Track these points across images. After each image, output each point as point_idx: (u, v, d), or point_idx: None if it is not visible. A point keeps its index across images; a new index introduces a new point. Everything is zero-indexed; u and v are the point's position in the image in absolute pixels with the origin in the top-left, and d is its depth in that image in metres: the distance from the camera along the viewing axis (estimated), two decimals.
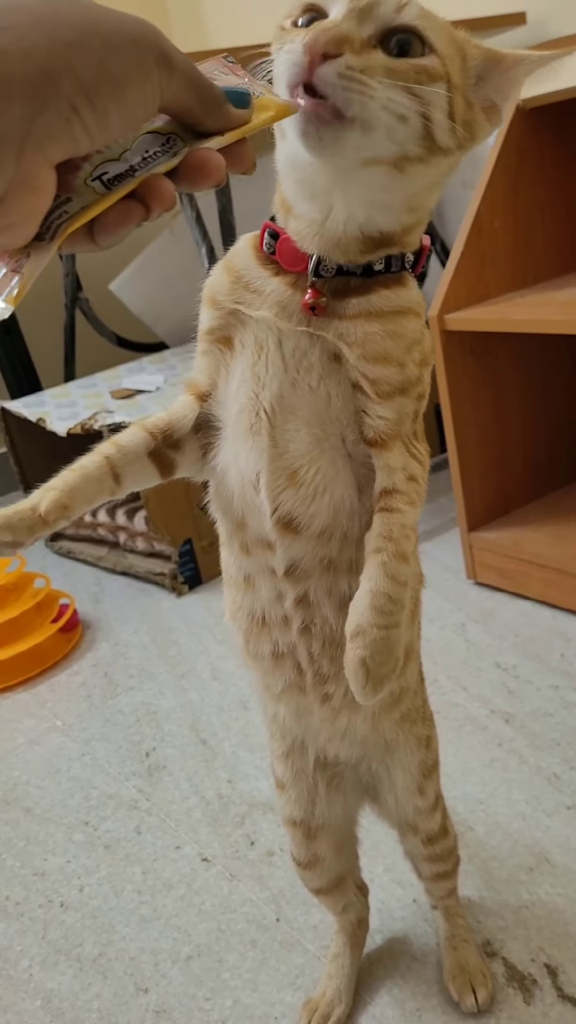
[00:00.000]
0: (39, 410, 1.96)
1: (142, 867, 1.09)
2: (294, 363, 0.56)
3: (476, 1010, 0.82)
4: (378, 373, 0.54)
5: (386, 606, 0.54)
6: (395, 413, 0.55)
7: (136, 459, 0.61)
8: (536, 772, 1.10)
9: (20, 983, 0.96)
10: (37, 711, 1.48)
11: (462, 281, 1.45)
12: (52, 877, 1.10)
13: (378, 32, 0.48)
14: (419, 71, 0.48)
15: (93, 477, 0.59)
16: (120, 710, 1.43)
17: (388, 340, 0.54)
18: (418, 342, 0.56)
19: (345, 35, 0.46)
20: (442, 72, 0.49)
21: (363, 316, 0.54)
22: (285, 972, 0.91)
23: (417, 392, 0.57)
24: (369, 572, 0.55)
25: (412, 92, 0.48)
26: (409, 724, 0.73)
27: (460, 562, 1.62)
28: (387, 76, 0.47)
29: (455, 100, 0.50)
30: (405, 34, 0.48)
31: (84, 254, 2.33)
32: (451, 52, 0.50)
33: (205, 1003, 0.89)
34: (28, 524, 0.56)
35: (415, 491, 0.57)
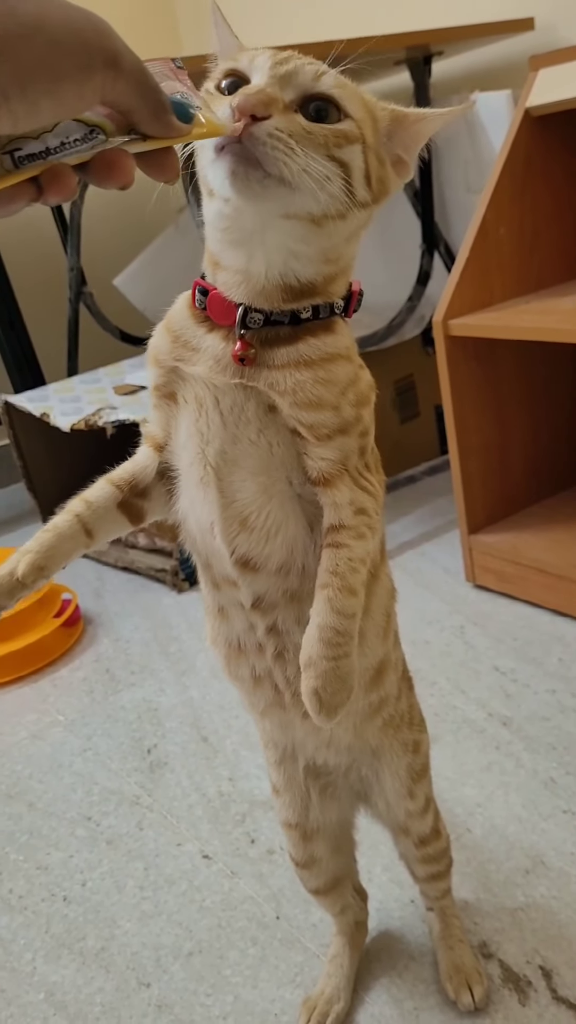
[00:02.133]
0: (43, 405, 1.97)
1: (144, 863, 1.10)
2: (232, 419, 0.58)
3: (472, 1008, 0.84)
4: (313, 419, 0.56)
5: (333, 639, 0.57)
6: (337, 452, 0.57)
7: (105, 512, 0.63)
8: (533, 776, 1.12)
9: (23, 976, 0.98)
10: (39, 706, 1.49)
11: (467, 287, 1.47)
12: (55, 871, 1.12)
13: (298, 98, 0.51)
14: (338, 135, 0.51)
15: (66, 535, 0.61)
16: (122, 706, 1.45)
17: (319, 387, 0.56)
18: (352, 383, 0.58)
19: (273, 97, 0.49)
20: (357, 135, 0.52)
21: (292, 365, 0.56)
22: (285, 970, 0.92)
23: (358, 431, 0.59)
24: (317, 607, 0.57)
25: (332, 156, 0.51)
26: (393, 730, 0.75)
27: (459, 564, 1.64)
28: (308, 139, 0.50)
29: (370, 159, 0.54)
30: (322, 101, 0.51)
31: (88, 248, 2.34)
32: (364, 115, 0.54)
33: (206, 999, 0.91)
34: (8, 589, 0.59)
35: (365, 524, 0.59)
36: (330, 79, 0.52)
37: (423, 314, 2.12)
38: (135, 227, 2.57)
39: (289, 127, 0.49)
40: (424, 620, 1.53)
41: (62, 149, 0.41)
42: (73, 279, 2.33)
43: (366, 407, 0.60)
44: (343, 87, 0.52)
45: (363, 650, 0.67)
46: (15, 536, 2.29)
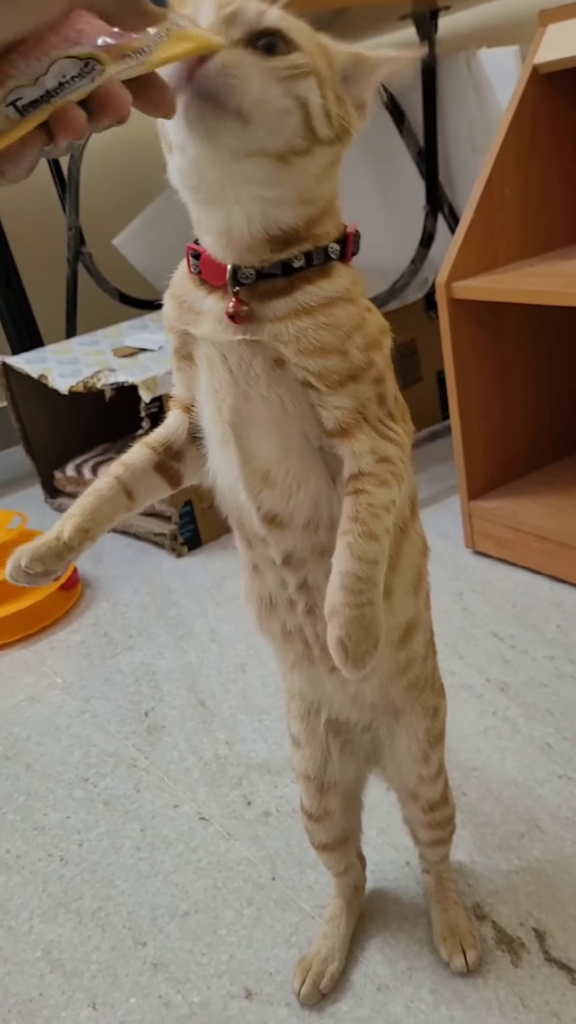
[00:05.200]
0: (41, 366, 1.95)
1: (141, 824, 1.11)
2: (242, 376, 0.57)
3: (465, 970, 0.85)
4: (320, 365, 0.55)
5: (355, 585, 0.55)
6: (351, 400, 0.56)
7: (144, 474, 0.64)
8: (529, 741, 1.12)
9: (20, 934, 0.99)
10: (37, 668, 1.50)
11: (470, 249, 1.44)
12: (52, 832, 1.12)
13: (245, 36, 0.49)
14: (289, 66, 0.50)
15: (107, 498, 0.63)
16: (119, 669, 1.45)
17: (323, 331, 0.55)
18: (358, 327, 0.56)
19: (227, 17, 0.49)
20: (311, 65, 0.51)
21: (292, 314, 0.55)
22: (280, 930, 0.93)
23: (372, 376, 0.57)
24: (338, 554, 0.57)
25: (286, 88, 0.50)
26: (417, 692, 0.75)
27: (459, 530, 1.63)
28: (260, 70, 0.49)
29: (327, 94, 0.52)
30: (270, 36, 0.50)
31: (87, 207, 2.30)
32: (315, 49, 0.52)
33: (202, 957, 0.92)
34: (56, 552, 0.61)
35: (389, 471, 0.57)
36: (275, 13, 0.50)
37: (426, 277, 2.09)
38: (135, 186, 2.53)
39: (240, 60, 0.48)
40: None
41: (62, 89, 0.40)
42: (72, 239, 2.30)
43: (377, 351, 0.58)
44: (289, 20, 0.51)
45: (392, 607, 0.66)
46: (13, 499, 2.28)
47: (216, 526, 1.84)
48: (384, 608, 0.59)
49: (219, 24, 0.49)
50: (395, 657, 0.71)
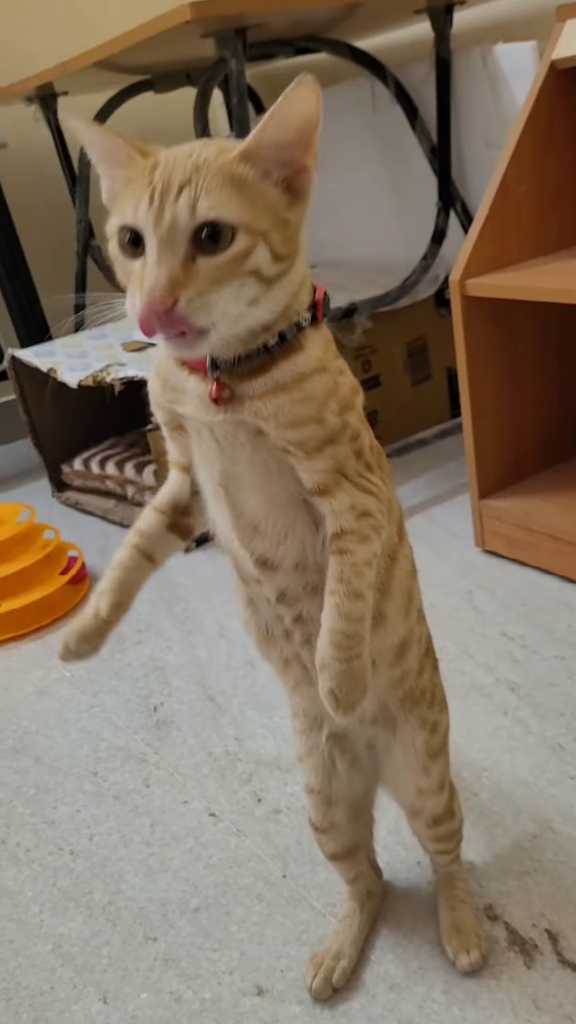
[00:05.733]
0: (50, 360, 1.95)
1: (151, 819, 1.11)
2: (228, 445, 0.61)
3: (470, 970, 0.84)
4: (298, 436, 0.58)
5: (343, 642, 0.61)
6: (329, 462, 0.60)
7: (159, 538, 0.69)
8: (541, 742, 1.12)
9: (31, 928, 0.99)
10: (46, 662, 1.49)
11: (485, 246, 1.44)
12: (62, 825, 1.12)
13: (189, 240, 0.52)
14: (236, 259, 0.52)
15: (131, 568, 0.69)
16: (128, 664, 1.44)
17: (298, 406, 0.58)
18: (332, 393, 0.59)
19: (171, 283, 0.51)
20: (252, 242, 0.53)
21: (270, 392, 0.58)
22: (291, 927, 0.93)
23: (348, 436, 0.60)
24: (326, 613, 0.61)
25: (239, 275, 0.53)
26: (412, 703, 0.77)
27: (468, 529, 1.63)
28: (214, 281, 0.52)
29: (272, 238, 0.54)
30: (209, 227, 0.52)
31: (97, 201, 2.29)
32: (250, 207, 0.53)
33: (212, 954, 0.92)
34: (98, 630, 0.68)
35: (369, 525, 0.61)
36: (205, 204, 0.51)
37: (437, 274, 2.09)
38: None
39: (195, 290, 0.51)
40: (432, 584, 1.52)
41: None
42: (81, 232, 2.29)
43: (351, 412, 0.61)
44: (218, 195, 0.52)
45: (386, 629, 0.70)
46: (21, 492, 2.28)
47: None
48: (379, 632, 0.67)
49: (165, 245, 0.51)
50: (390, 673, 0.74)
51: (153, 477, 1.87)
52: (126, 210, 0.53)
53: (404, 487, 1.90)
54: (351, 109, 2.09)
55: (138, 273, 0.53)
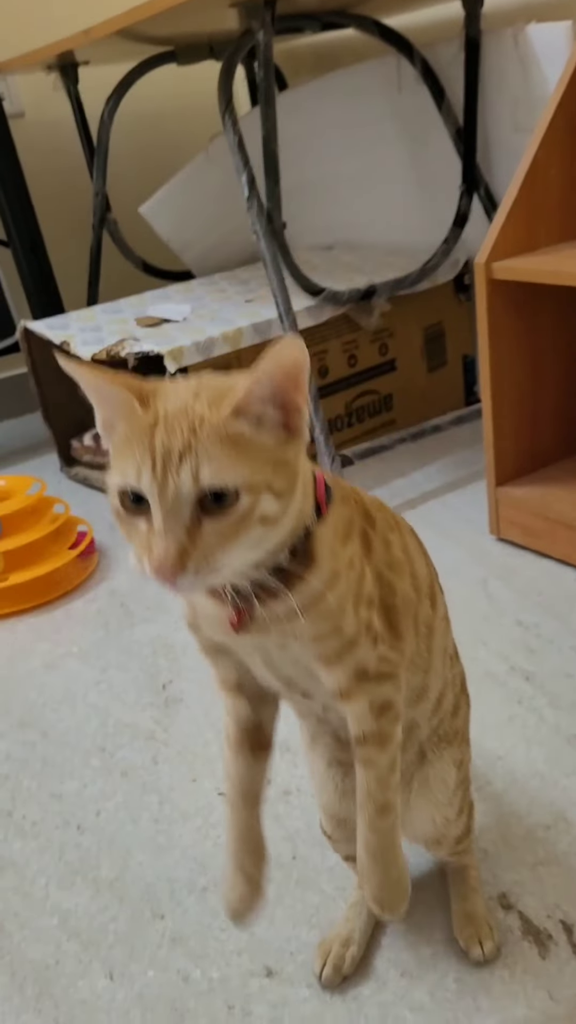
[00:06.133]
0: (63, 333, 1.93)
1: (159, 796, 1.10)
2: (258, 647, 0.63)
3: (482, 960, 0.83)
4: (320, 648, 0.61)
5: (380, 855, 0.67)
6: (350, 667, 0.63)
7: (248, 770, 0.72)
8: (555, 732, 1.11)
9: (37, 900, 0.98)
10: (53, 636, 1.48)
11: (512, 228, 1.41)
12: (69, 800, 1.11)
13: (193, 505, 0.52)
14: (241, 517, 0.53)
15: (246, 819, 0.72)
16: (136, 641, 1.43)
17: (318, 624, 0.60)
18: (347, 598, 0.61)
19: (179, 554, 0.52)
20: (254, 499, 0.53)
21: (290, 616, 0.59)
22: (301, 910, 0.92)
23: (367, 635, 0.63)
24: (360, 826, 0.67)
25: (244, 528, 0.53)
26: (446, 743, 0.80)
27: (483, 516, 1.61)
28: (221, 544, 0.52)
29: (274, 484, 0.54)
30: (212, 492, 0.52)
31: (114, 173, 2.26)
32: (249, 460, 0.53)
33: (221, 934, 0.91)
34: (255, 894, 0.72)
35: (388, 720, 0.65)
36: (207, 472, 0.51)
37: (457, 259, 2.06)
38: (164, 153, 2.49)
39: (202, 553, 0.52)
40: (445, 571, 1.49)
41: None
42: (97, 204, 2.27)
43: (367, 604, 0.63)
44: (221, 468, 0.52)
45: (428, 696, 0.74)
46: (29, 467, 2.26)
47: None
48: (422, 702, 0.73)
49: (171, 515, 0.51)
50: (429, 723, 0.77)
51: None
52: (128, 471, 0.53)
53: (418, 473, 1.88)
54: (376, 88, 2.06)
55: (143, 534, 0.53)
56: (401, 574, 0.68)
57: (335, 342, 1.93)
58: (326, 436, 1.70)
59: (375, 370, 2.02)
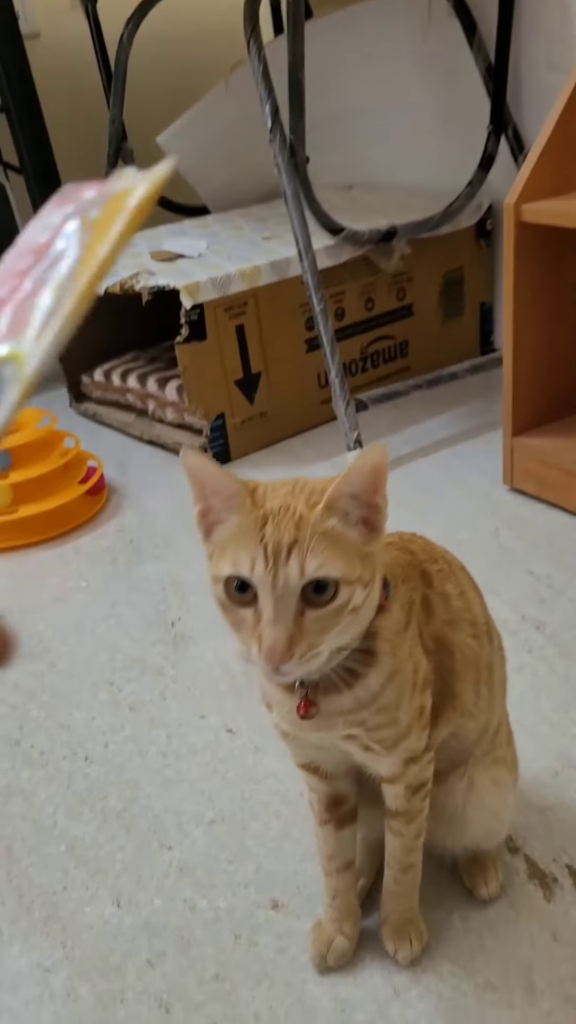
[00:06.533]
0: None
1: (167, 731, 1.10)
2: (320, 743, 0.70)
3: (487, 899, 0.84)
4: (378, 736, 0.66)
5: (400, 903, 0.79)
6: (402, 755, 0.68)
7: (338, 841, 0.78)
8: (565, 680, 1.11)
9: (45, 828, 0.98)
10: (62, 570, 1.47)
11: (544, 170, 1.37)
12: (77, 731, 1.11)
13: (299, 596, 0.57)
14: (339, 609, 0.58)
15: (349, 886, 0.81)
16: (146, 578, 1.42)
17: (378, 716, 0.65)
18: (405, 689, 0.66)
19: (288, 642, 0.56)
20: (350, 591, 0.58)
21: (356, 709, 0.64)
22: (308, 845, 0.92)
23: (419, 723, 0.68)
24: (386, 878, 0.79)
25: (339, 619, 0.58)
26: (497, 765, 0.82)
27: (496, 466, 1.60)
28: (321, 633, 0.58)
29: (363, 577, 0.59)
30: (315, 582, 0.57)
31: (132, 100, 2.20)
32: (344, 554, 0.58)
33: (228, 866, 0.91)
34: (350, 950, 0.81)
35: (420, 798, 0.72)
36: (312, 565, 0.56)
37: (480, 203, 2.02)
38: (184, 81, 2.42)
39: (307, 643, 0.57)
40: (457, 520, 1.49)
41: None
42: (114, 133, 2.21)
43: (424, 690, 0.68)
44: (325, 561, 0.57)
45: (488, 730, 0.79)
46: (37, 401, 2.22)
47: (247, 442, 1.80)
48: (484, 736, 0.78)
49: (282, 606, 0.56)
50: (485, 758, 0.80)
51: (175, 392, 1.83)
52: (240, 563, 0.57)
53: (431, 421, 1.86)
54: (404, 21, 1.99)
55: (250, 624, 0.58)
56: (460, 627, 0.73)
57: (353, 284, 1.89)
58: (341, 380, 1.68)
59: (392, 315, 1.99)
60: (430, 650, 0.70)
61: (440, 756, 0.75)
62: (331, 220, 1.76)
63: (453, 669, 0.72)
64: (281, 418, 1.85)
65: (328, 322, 1.66)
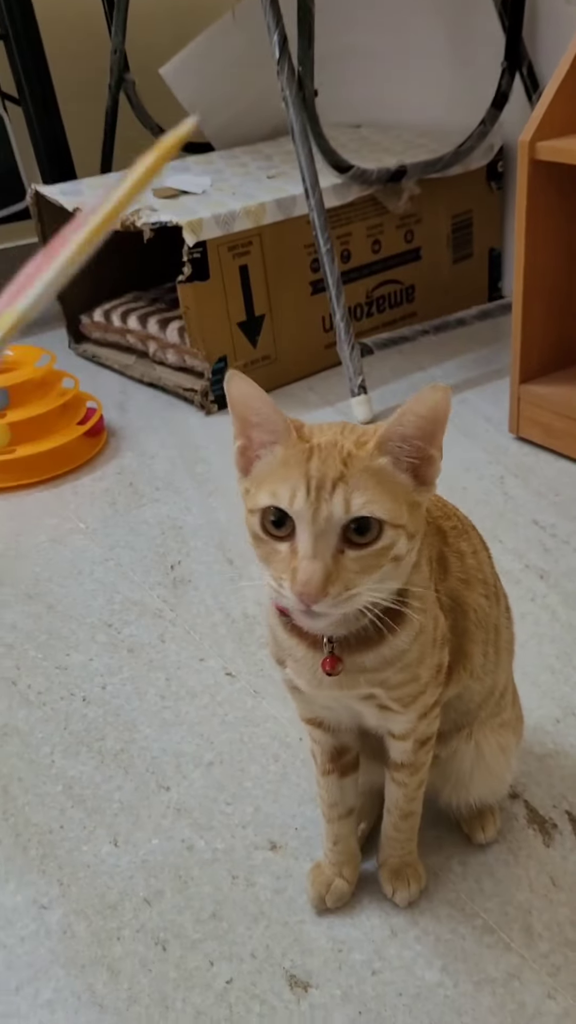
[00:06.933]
0: (76, 199, 1.84)
1: (165, 673, 1.09)
2: (336, 703, 0.68)
3: (484, 842, 0.84)
4: (398, 694, 0.65)
5: (398, 848, 0.79)
6: (417, 711, 0.67)
7: (339, 791, 0.77)
8: (568, 629, 1.10)
9: (42, 767, 0.98)
10: (60, 511, 1.45)
11: (561, 106, 1.32)
12: (74, 672, 1.11)
13: (340, 534, 0.54)
14: (382, 551, 0.55)
15: (349, 832, 0.80)
16: (145, 520, 1.41)
17: (401, 674, 0.63)
18: (428, 646, 0.64)
19: (325, 579, 0.53)
20: (395, 535, 0.56)
21: (381, 667, 0.62)
22: (306, 788, 0.92)
23: (436, 681, 0.67)
24: (384, 822, 0.79)
25: (379, 562, 0.56)
26: (502, 728, 0.81)
27: (502, 415, 1.57)
28: (360, 574, 0.55)
29: (409, 525, 0.57)
30: (359, 521, 0.54)
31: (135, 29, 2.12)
32: (392, 496, 0.55)
33: (226, 807, 0.91)
34: (349, 891, 0.81)
35: (425, 752, 0.72)
36: (358, 502, 0.54)
37: (492, 143, 1.96)
38: (189, 9, 2.33)
39: (343, 583, 0.54)
40: (462, 467, 1.47)
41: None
42: (115, 63, 2.13)
43: (442, 647, 0.67)
44: (371, 499, 0.54)
45: (494, 692, 0.77)
46: (36, 341, 2.19)
47: None
48: (489, 698, 0.77)
49: (320, 538, 0.54)
50: (490, 723, 0.79)
51: (177, 334, 1.79)
52: (280, 493, 0.54)
53: (437, 368, 1.83)
54: None
55: (285, 557, 0.55)
56: (474, 586, 0.71)
57: (359, 225, 1.84)
58: (346, 324, 1.64)
59: (399, 258, 1.94)
60: (446, 608, 0.69)
61: (444, 718, 0.73)
62: (339, 157, 1.71)
63: (467, 629, 0.71)
64: (284, 362, 1.82)
65: (334, 263, 1.62)
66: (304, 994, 0.74)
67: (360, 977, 0.75)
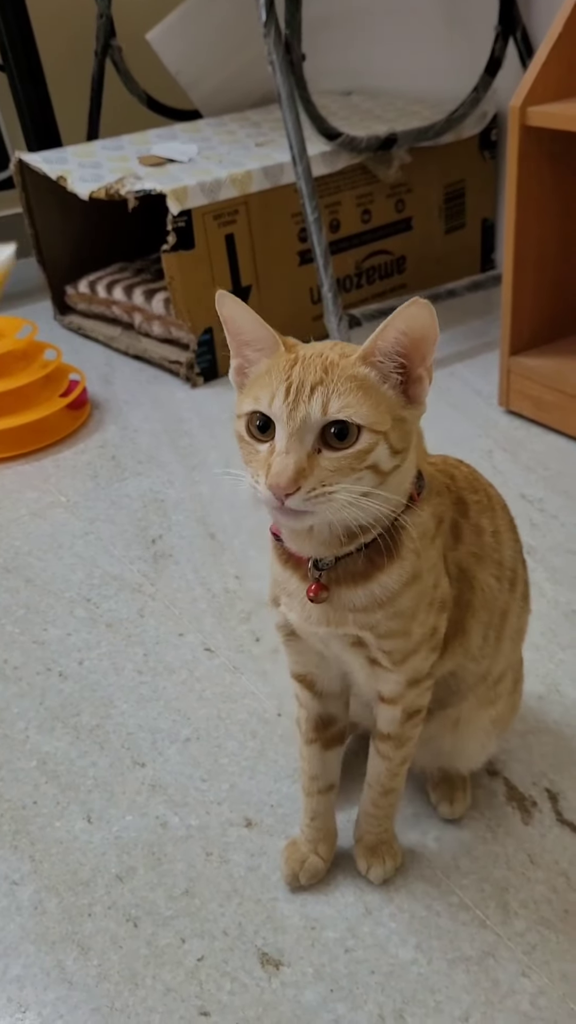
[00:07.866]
0: (60, 167, 1.80)
1: (143, 649, 1.07)
2: (325, 646, 0.68)
3: (449, 817, 0.83)
4: (389, 646, 0.64)
5: (375, 824, 0.78)
6: (407, 674, 0.66)
7: (323, 763, 0.76)
8: (554, 606, 1.08)
9: (16, 743, 0.96)
10: (40, 485, 1.43)
11: (553, 71, 1.29)
12: (52, 647, 1.09)
13: (317, 435, 0.56)
14: (358, 455, 0.56)
15: (327, 809, 0.79)
16: (127, 494, 1.38)
17: (392, 621, 0.63)
18: (422, 600, 0.64)
19: (297, 473, 0.54)
20: (375, 440, 0.56)
21: (370, 607, 0.62)
22: (284, 765, 0.91)
23: (429, 643, 0.66)
24: (364, 796, 0.77)
25: (359, 470, 0.56)
26: (497, 714, 0.79)
27: (492, 388, 1.55)
28: (336, 474, 0.55)
29: (391, 436, 0.57)
30: (337, 425, 0.55)
31: None
32: (373, 405, 0.56)
33: (202, 784, 0.90)
34: (323, 868, 0.79)
35: (412, 725, 0.71)
36: (336, 405, 0.55)
37: (485, 111, 1.92)
38: None
39: (317, 479, 0.55)
40: (450, 440, 1.45)
41: None
42: (101, 28, 2.08)
43: (440, 611, 0.66)
44: (349, 403, 0.55)
45: (488, 679, 0.76)
46: (20, 312, 2.16)
47: None
48: (482, 683, 0.75)
49: (295, 437, 0.55)
50: (488, 712, 0.78)
51: (163, 306, 1.76)
52: (261, 398, 0.56)
53: None
54: None
55: (264, 457, 0.56)
56: (486, 564, 0.71)
57: (349, 194, 1.81)
58: (334, 295, 1.61)
59: (390, 228, 1.91)
60: (453, 577, 0.68)
61: (433, 695, 0.72)
62: (327, 124, 1.67)
63: (471, 604, 0.70)
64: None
65: (322, 233, 1.59)
66: (276, 972, 0.73)
67: (333, 955, 0.73)
